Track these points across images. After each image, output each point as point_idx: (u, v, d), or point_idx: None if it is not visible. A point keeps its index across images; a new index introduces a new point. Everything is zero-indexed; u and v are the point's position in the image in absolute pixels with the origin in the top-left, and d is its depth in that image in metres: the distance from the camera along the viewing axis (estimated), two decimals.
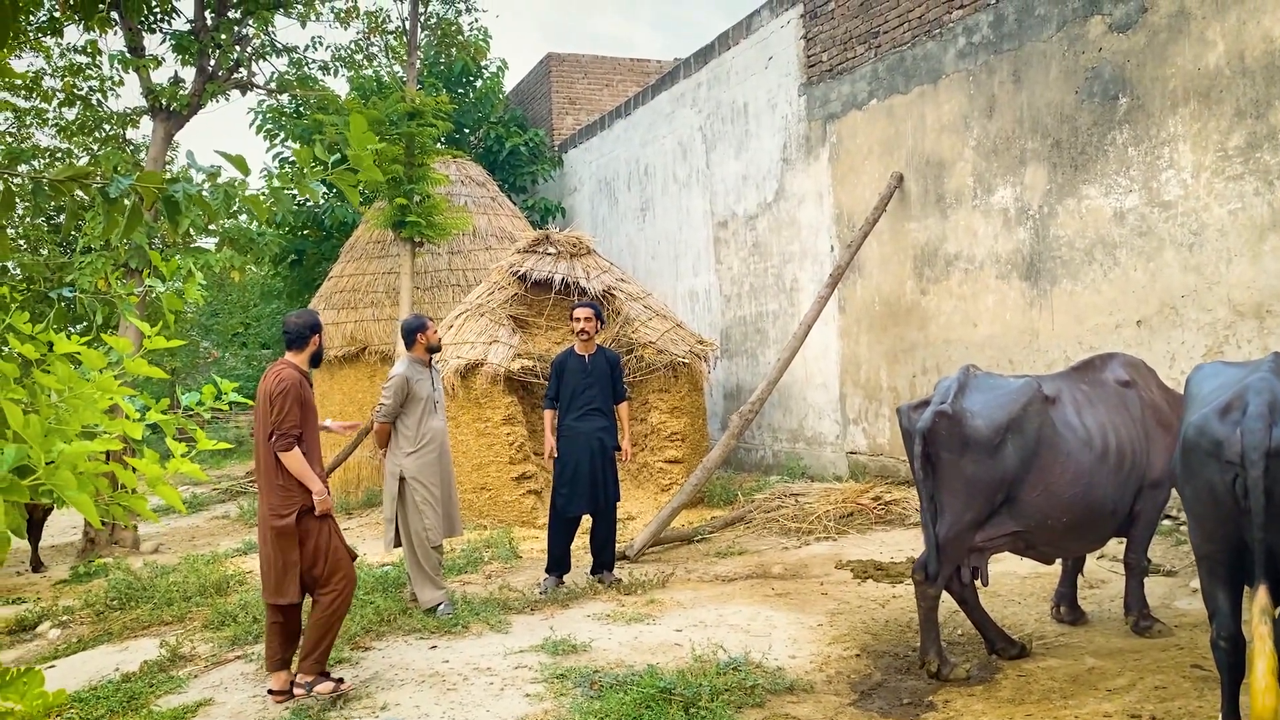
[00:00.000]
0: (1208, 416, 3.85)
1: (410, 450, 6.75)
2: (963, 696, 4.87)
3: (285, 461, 5.26)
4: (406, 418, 6.78)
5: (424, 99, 12.10)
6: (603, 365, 7.55)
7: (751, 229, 12.15)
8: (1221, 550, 3.86)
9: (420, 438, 6.78)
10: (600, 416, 7.45)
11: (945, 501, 5.13)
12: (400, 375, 6.79)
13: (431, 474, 6.79)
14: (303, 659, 5.35)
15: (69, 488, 1.46)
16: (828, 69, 10.55)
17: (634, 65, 19.52)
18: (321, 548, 5.35)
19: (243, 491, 16.20)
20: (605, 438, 7.45)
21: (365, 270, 13.75)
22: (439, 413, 6.93)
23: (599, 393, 7.46)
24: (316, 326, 5.62)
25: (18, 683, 1.74)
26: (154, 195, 2.21)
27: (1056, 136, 7.86)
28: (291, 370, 5.41)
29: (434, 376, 6.98)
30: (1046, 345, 7.99)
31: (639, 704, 4.74)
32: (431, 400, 6.85)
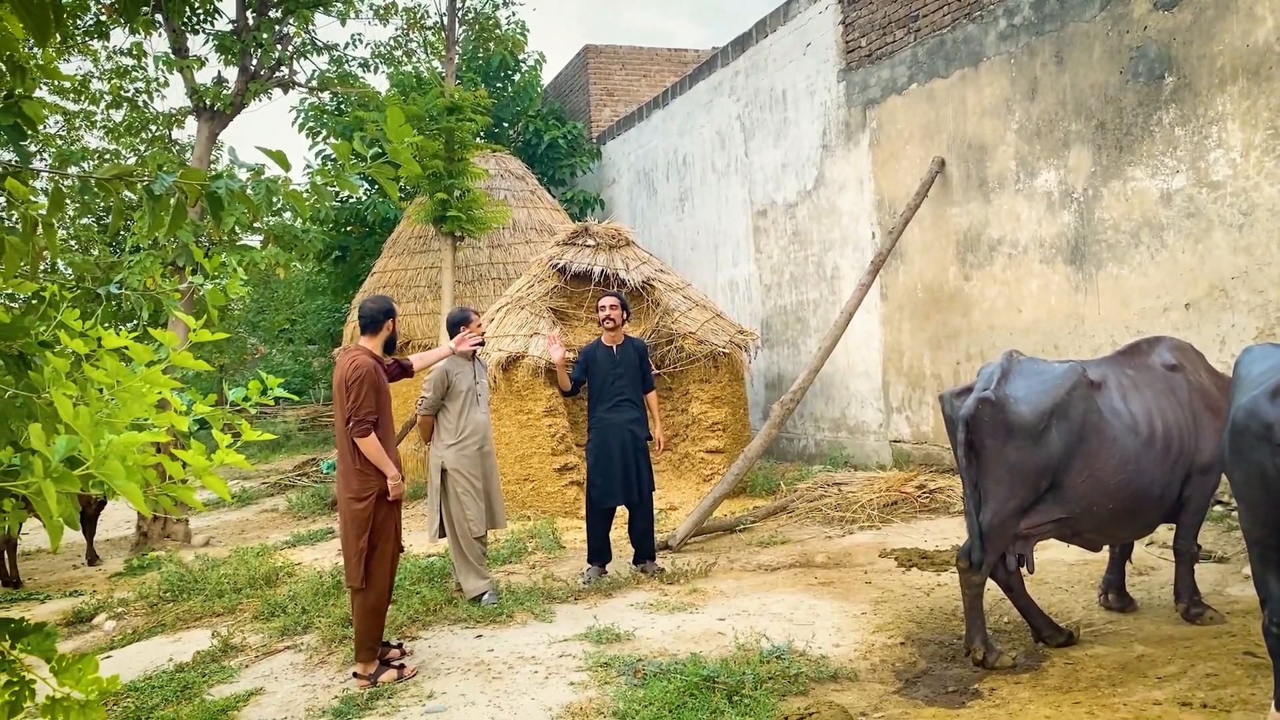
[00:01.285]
0: (1258, 399, 3.79)
1: (451, 442, 6.81)
2: (1009, 684, 4.83)
3: (362, 447, 5.37)
4: (448, 411, 6.84)
5: (463, 94, 12.17)
6: (631, 355, 7.50)
7: (791, 217, 12.10)
8: (1273, 535, 3.79)
9: (461, 430, 6.82)
10: (631, 407, 7.43)
11: (989, 489, 5.08)
12: (440, 368, 6.85)
13: (473, 466, 6.83)
14: (355, 649, 5.47)
15: (118, 477, 1.50)
16: (866, 54, 10.46)
17: (671, 55, 19.47)
18: (381, 533, 5.46)
19: (291, 485, 16.41)
20: (637, 429, 7.42)
21: (407, 265, 13.88)
22: (481, 406, 6.96)
23: (628, 383, 7.43)
24: (390, 312, 5.70)
25: (74, 669, 1.78)
26: (197, 192, 2.25)
27: (1101, 118, 7.74)
28: (366, 356, 5.52)
29: (476, 370, 7.02)
30: (1092, 330, 7.88)
31: (682, 692, 4.76)
32: (473, 393, 6.89)
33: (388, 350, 5.71)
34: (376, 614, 5.48)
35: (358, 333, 12.79)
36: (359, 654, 5.45)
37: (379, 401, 5.46)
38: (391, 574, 5.60)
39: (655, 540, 7.63)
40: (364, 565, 5.41)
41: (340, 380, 5.46)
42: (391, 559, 5.57)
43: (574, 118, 19.27)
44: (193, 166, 8.49)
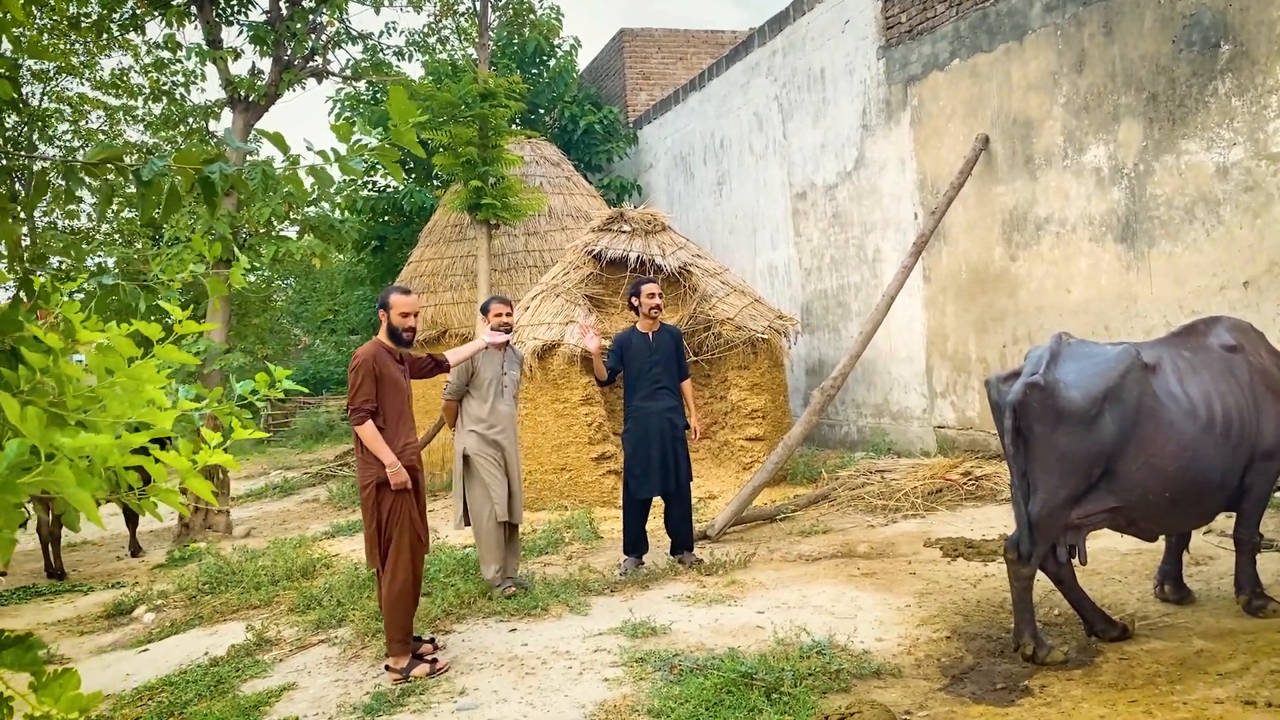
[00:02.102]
0: None
1: (474, 429, 6.71)
2: (1060, 681, 4.63)
3: (359, 434, 5.44)
4: (473, 397, 6.74)
5: (496, 80, 12.05)
6: (667, 343, 7.36)
7: (831, 199, 11.85)
8: None
9: (484, 418, 6.72)
10: (669, 395, 7.31)
11: (1038, 478, 4.87)
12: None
13: (494, 453, 6.72)
14: (386, 641, 5.46)
15: (68, 485, 1.38)
16: (907, 30, 10.19)
17: (708, 37, 19.22)
18: (391, 521, 5.44)
19: (332, 475, 16.47)
20: (675, 417, 7.30)
21: (444, 254, 13.80)
22: (506, 396, 6.82)
23: (664, 371, 7.30)
24: (382, 303, 5.68)
25: (54, 685, 1.67)
26: (191, 176, 2.13)
27: (1152, 90, 7.44)
28: (370, 346, 5.58)
29: (506, 359, 6.88)
30: (1145, 310, 7.60)
31: (719, 689, 4.61)
32: (499, 383, 6.77)
33: (396, 341, 5.64)
34: (400, 606, 5.43)
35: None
36: (389, 646, 5.43)
37: (380, 390, 5.48)
38: (413, 565, 5.53)
39: (694, 530, 7.48)
40: (380, 551, 5.47)
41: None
42: (411, 549, 5.50)
43: (610, 102, 19.09)
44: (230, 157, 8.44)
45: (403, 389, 5.63)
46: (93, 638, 7.55)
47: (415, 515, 5.54)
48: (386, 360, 5.56)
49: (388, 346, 5.62)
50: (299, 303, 30.22)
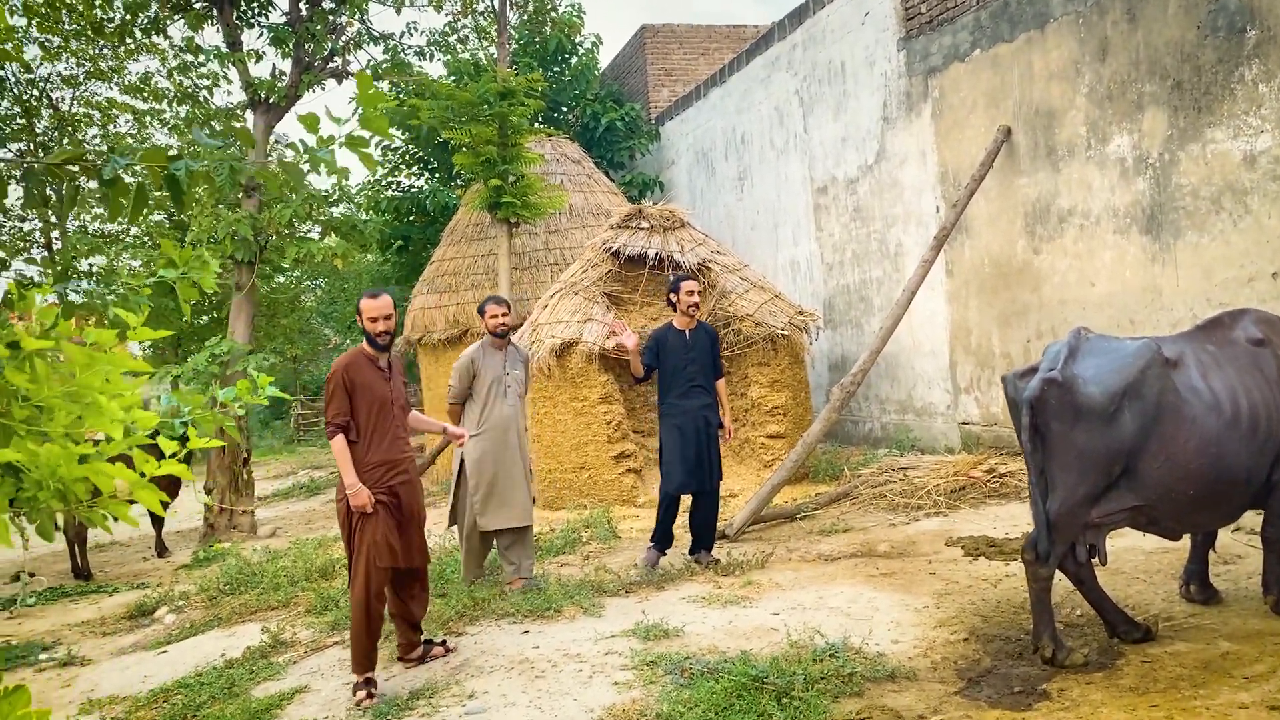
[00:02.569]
0: None
1: (473, 433, 6.67)
2: (1080, 684, 4.52)
3: (332, 448, 5.30)
4: (473, 401, 6.73)
5: (515, 78, 12.00)
6: (704, 341, 7.29)
7: (852, 193, 11.72)
8: None
9: (482, 422, 6.68)
10: (704, 394, 7.23)
11: (1056, 476, 4.76)
12: (465, 357, 6.77)
13: (488, 459, 6.68)
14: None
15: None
16: (927, 20, 10.04)
17: (730, 32, 19.09)
18: (358, 539, 5.26)
19: None
20: (710, 415, 7.24)
21: (465, 253, 13.79)
22: (509, 398, 6.77)
23: (700, 369, 7.22)
24: (357, 309, 5.46)
25: (3, 704, 1.63)
26: (159, 175, 2.09)
27: (1177, 77, 7.27)
28: (348, 355, 5.45)
29: (507, 360, 6.83)
30: (1171, 303, 7.43)
31: (730, 693, 4.54)
32: (501, 385, 6.71)
33: (373, 345, 5.38)
34: (354, 624, 5.25)
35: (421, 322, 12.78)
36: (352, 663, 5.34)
37: (354, 402, 5.25)
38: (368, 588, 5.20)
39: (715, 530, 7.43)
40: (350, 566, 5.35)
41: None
42: (367, 574, 5.20)
43: (632, 99, 19.02)
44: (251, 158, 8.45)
45: (382, 398, 5.34)
46: (114, 639, 7.60)
47: (382, 538, 5.25)
48: (362, 369, 5.33)
49: (369, 354, 5.39)
50: (328, 302, 30.40)
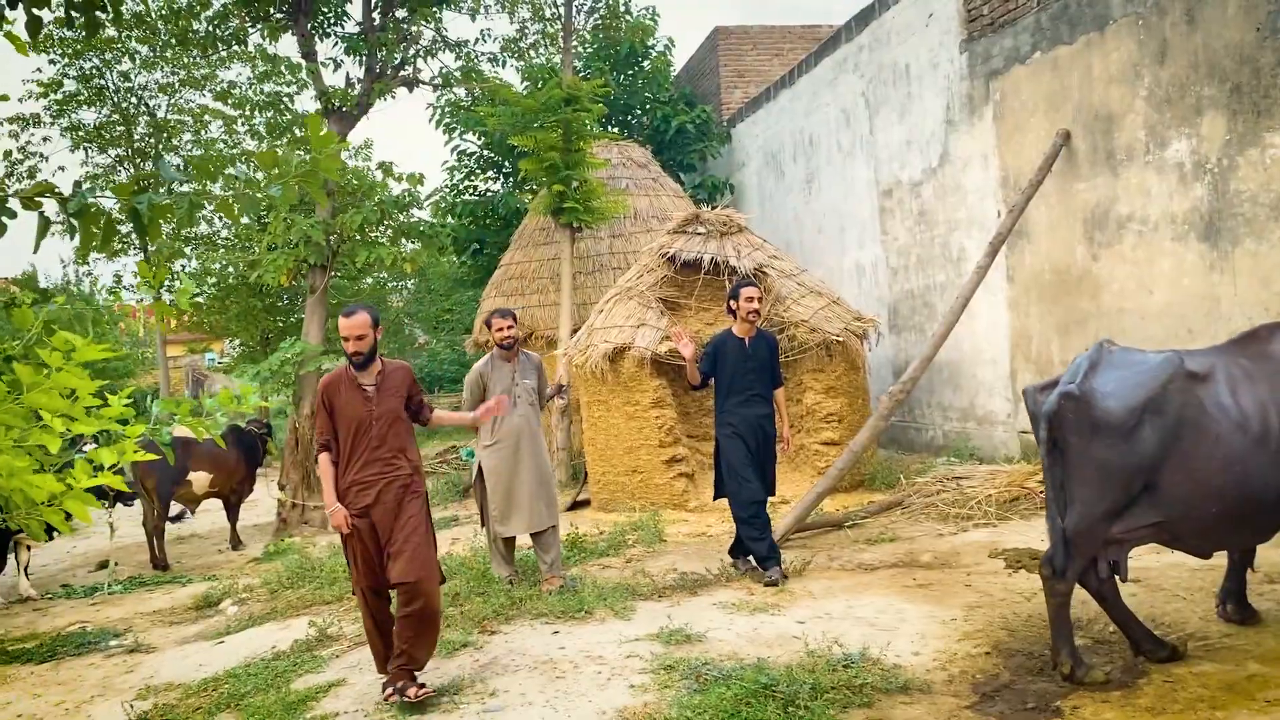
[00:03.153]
0: None
1: (487, 444, 6.92)
2: (1094, 702, 4.47)
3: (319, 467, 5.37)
4: None
5: (579, 84, 12.16)
6: (763, 349, 7.20)
7: (916, 196, 11.60)
8: None
9: (495, 433, 6.87)
10: (762, 403, 7.15)
11: (1075, 491, 4.70)
12: (474, 370, 7.01)
13: (503, 469, 6.90)
14: None
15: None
16: (988, 22, 9.89)
17: (805, 32, 18.98)
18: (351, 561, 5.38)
19: (432, 472, 16.85)
20: (768, 425, 7.16)
21: (531, 257, 14.02)
22: (519, 407, 6.96)
23: (758, 378, 7.13)
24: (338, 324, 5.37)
25: None
26: (128, 207, 2.25)
27: (1236, 80, 7.06)
28: (329, 375, 5.43)
29: (517, 370, 7.00)
30: (1229, 312, 7.22)
31: (739, 700, 4.60)
32: (512, 394, 6.88)
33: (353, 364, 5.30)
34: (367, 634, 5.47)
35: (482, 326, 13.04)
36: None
37: (334, 421, 5.27)
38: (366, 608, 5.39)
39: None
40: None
41: None
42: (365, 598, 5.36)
43: (705, 101, 19.05)
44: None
45: (360, 418, 5.25)
46: (180, 628, 7.94)
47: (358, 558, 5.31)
48: (341, 389, 5.28)
49: (351, 374, 5.32)
50: (414, 303, 31.08)
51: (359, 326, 5.22)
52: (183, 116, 20.48)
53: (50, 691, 6.30)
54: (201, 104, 19.97)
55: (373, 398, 5.28)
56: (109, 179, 20.79)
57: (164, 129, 20.29)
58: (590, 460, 10.42)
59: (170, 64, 18.82)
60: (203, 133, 20.68)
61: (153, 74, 19.53)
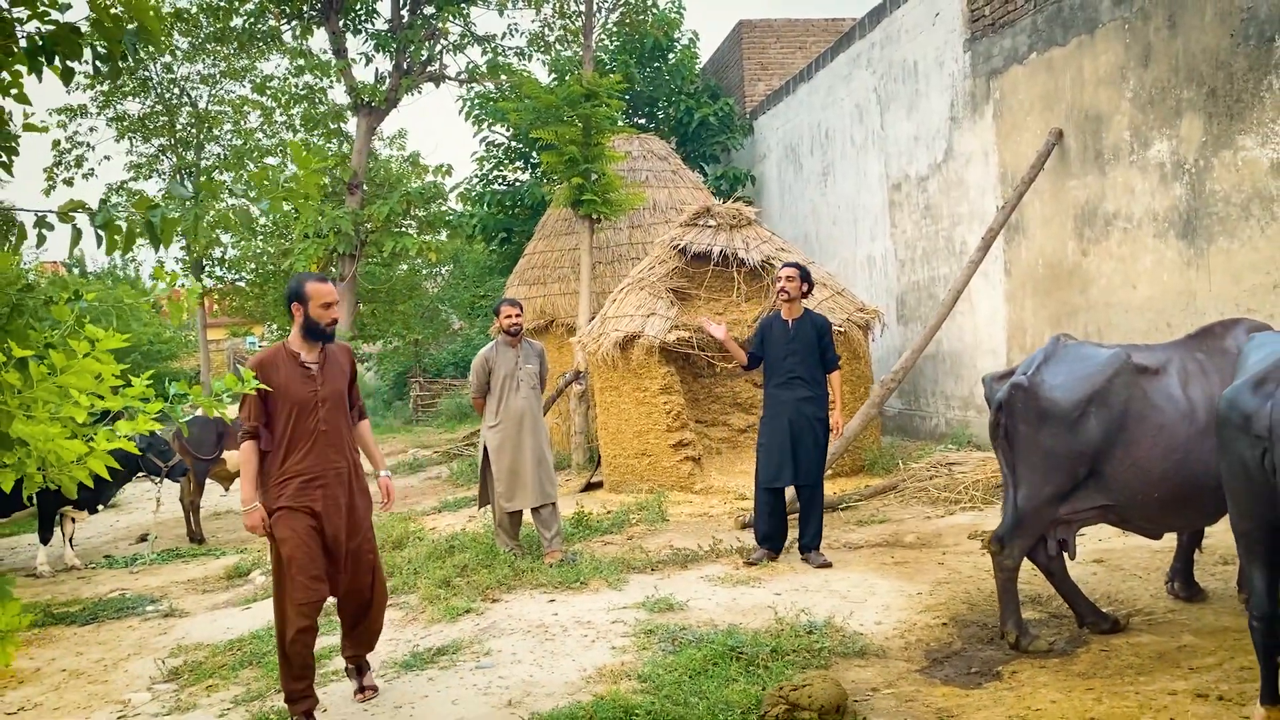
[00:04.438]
0: (1240, 389, 3.72)
1: (491, 425, 7.39)
2: (1033, 668, 4.86)
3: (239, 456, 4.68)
4: (490, 395, 7.44)
5: (598, 80, 12.58)
6: (808, 332, 7.14)
7: (923, 190, 11.92)
8: (1257, 528, 3.72)
9: (499, 414, 7.33)
10: (802, 385, 7.08)
11: (1023, 475, 5.08)
12: (480, 355, 7.49)
13: (508, 447, 7.35)
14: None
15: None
16: (990, 23, 10.20)
17: (828, 25, 19.26)
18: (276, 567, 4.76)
19: (459, 454, 17.39)
20: (806, 407, 7.06)
21: (554, 247, 14.47)
22: (522, 391, 7.41)
23: (801, 361, 7.09)
24: (295, 294, 4.69)
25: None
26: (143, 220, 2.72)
27: (1212, 84, 7.35)
28: (263, 354, 4.75)
29: (520, 355, 7.44)
30: (1204, 307, 7.53)
31: (707, 660, 5.03)
32: (514, 379, 7.35)
33: (315, 335, 4.71)
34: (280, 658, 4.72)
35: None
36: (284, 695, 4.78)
37: (271, 406, 4.59)
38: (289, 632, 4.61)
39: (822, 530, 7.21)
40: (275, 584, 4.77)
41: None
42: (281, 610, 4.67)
43: (729, 93, 19.40)
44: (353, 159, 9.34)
45: (304, 400, 4.64)
46: (211, 596, 8.49)
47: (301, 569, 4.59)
48: (282, 367, 4.63)
49: (291, 350, 4.71)
50: (448, 288, 31.65)
51: (335, 293, 4.80)
52: (223, 107, 21.14)
53: (91, 650, 6.86)
54: (241, 95, 20.65)
55: (316, 376, 4.69)
56: (152, 166, 21.56)
57: (205, 119, 20.98)
58: (602, 444, 10.89)
59: (211, 56, 19.48)
60: (242, 123, 21.37)
61: (194, 65, 20.20)
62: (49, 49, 2.46)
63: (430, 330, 30.44)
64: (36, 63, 2.46)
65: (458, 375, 31.23)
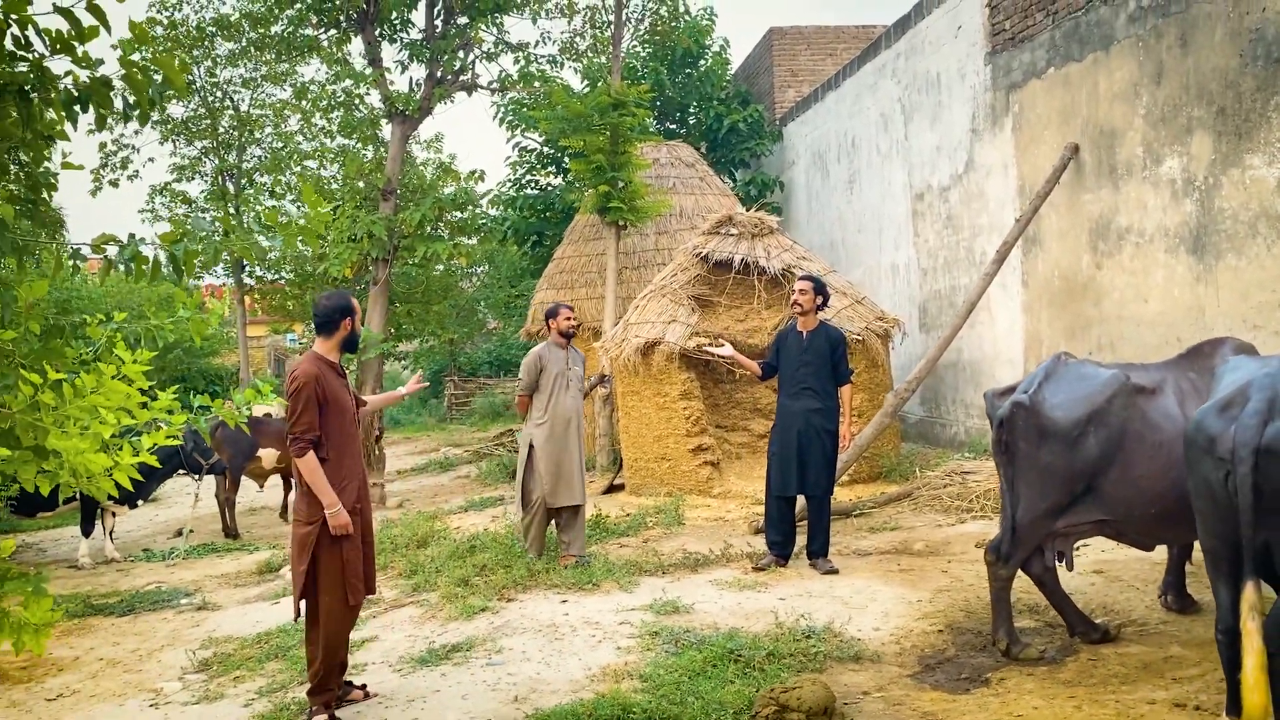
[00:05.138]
0: (1206, 412, 3.88)
1: (540, 421, 7.55)
2: (1020, 675, 5.02)
3: (299, 467, 4.84)
4: (539, 393, 7.58)
5: (626, 90, 12.81)
6: (822, 344, 7.30)
7: (945, 201, 12.05)
8: (1221, 545, 3.88)
9: (548, 412, 7.52)
10: (813, 397, 7.25)
11: (1021, 490, 5.20)
12: (532, 353, 7.64)
13: (556, 445, 7.51)
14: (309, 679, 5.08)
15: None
16: (1010, 37, 10.31)
17: (858, 32, 19.35)
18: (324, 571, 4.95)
19: (488, 454, 17.69)
20: (815, 418, 7.22)
21: (582, 252, 14.72)
22: (571, 390, 7.60)
23: (813, 372, 7.26)
24: (346, 310, 5.01)
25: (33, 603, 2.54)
26: (168, 250, 2.99)
27: (1221, 103, 7.45)
28: (309, 365, 4.90)
29: (570, 357, 7.66)
30: (1212, 322, 7.63)
31: (706, 661, 5.25)
32: (564, 379, 7.55)
33: (350, 350, 5.15)
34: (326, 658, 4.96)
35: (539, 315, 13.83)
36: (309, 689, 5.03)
37: (327, 416, 4.86)
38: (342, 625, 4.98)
39: (829, 537, 7.41)
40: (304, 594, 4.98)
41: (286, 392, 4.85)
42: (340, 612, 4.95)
43: (760, 100, 19.57)
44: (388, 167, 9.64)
45: (348, 410, 5.01)
46: (243, 590, 8.81)
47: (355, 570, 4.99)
48: (330, 378, 4.92)
49: (330, 361, 5.01)
50: (486, 289, 32.01)
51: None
52: (264, 111, 21.56)
53: (127, 640, 7.20)
54: (281, 99, 21.07)
55: (349, 385, 5.16)
56: (195, 168, 22.06)
57: (246, 123, 21.41)
58: (624, 447, 11.13)
59: (252, 60, 19.86)
60: (281, 125, 21.78)
61: (236, 69, 20.61)
62: (84, 99, 2.74)
63: (465, 330, 30.80)
64: (73, 112, 2.74)
65: (492, 374, 31.63)
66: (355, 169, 13.23)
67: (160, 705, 5.64)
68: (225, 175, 21.93)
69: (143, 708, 5.63)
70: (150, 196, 22.47)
